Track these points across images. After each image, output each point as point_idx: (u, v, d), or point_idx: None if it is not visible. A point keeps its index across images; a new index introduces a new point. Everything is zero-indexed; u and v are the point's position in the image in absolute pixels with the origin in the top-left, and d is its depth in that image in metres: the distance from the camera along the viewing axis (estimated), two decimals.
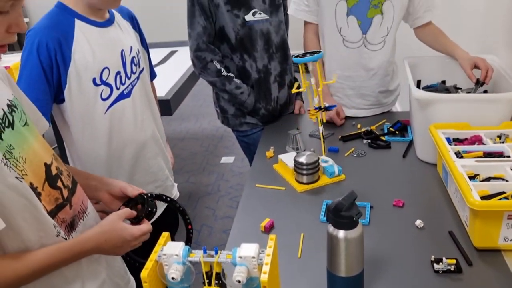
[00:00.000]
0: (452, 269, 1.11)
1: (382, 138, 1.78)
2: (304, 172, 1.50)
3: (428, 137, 1.50)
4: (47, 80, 1.28)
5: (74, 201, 1.03)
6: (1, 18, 0.81)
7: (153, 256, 0.71)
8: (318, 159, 1.52)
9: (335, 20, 1.84)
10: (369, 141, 1.77)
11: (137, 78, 1.49)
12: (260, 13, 1.87)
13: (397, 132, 1.81)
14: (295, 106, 2.14)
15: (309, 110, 1.57)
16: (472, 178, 1.26)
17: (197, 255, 0.71)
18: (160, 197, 1.18)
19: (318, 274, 1.11)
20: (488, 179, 1.27)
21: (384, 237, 1.26)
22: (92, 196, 1.16)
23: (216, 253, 0.71)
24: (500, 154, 1.36)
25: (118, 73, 1.40)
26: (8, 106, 0.93)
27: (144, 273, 0.68)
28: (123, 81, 1.42)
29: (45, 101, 1.30)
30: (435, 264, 1.13)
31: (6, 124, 0.90)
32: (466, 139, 1.47)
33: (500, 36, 1.83)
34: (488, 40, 1.96)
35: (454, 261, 1.13)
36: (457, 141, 1.47)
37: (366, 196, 1.43)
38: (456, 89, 1.76)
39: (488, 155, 1.36)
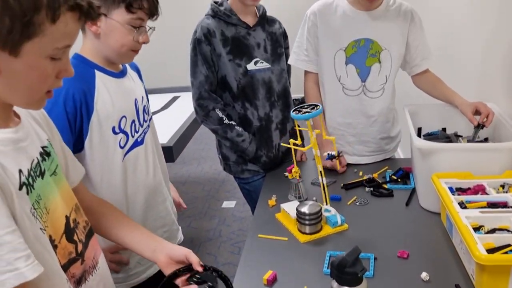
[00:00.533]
0: None
1: (385, 186, 1.78)
2: (307, 222, 1.49)
3: (431, 186, 1.49)
4: (71, 131, 1.30)
5: (87, 255, 1.02)
6: (53, 65, 0.83)
7: None
8: (321, 208, 1.51)
9: (334, 69, 1.88)
10: (372, 189, 1.76)
11: (148, 125, 1.53)
12: (262, 62, 1.91)
13: (399, 180, 1.81)
14: (297, 153, 2.15)
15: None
16: (476, 229, 1.25)
17: None
18: (213, 269, 1.15)
19: None
20: (493, 230, 1.25)
21: None
22: (148, 255, 1.15)
23: None
24: (504, 205, 1.35)
25: (133, 121, 1.43)
26: (41, 154, 0.93)
27: None
28: (137, 129, 1.45)
29: None
30: None
31: (38, 173, 0.90)
32: (469, 188, 1.46)
33: (498, 84, 1.86)
34: (486, 88, 1.99)
35: None
36: (460, 190, 1.46)
37: (370, 247, 1.41)
38: (457, 136, 1.76)
39: (492, 205, 1.35)
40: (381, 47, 1.85)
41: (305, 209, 1.48)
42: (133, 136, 1.44)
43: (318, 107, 1.48)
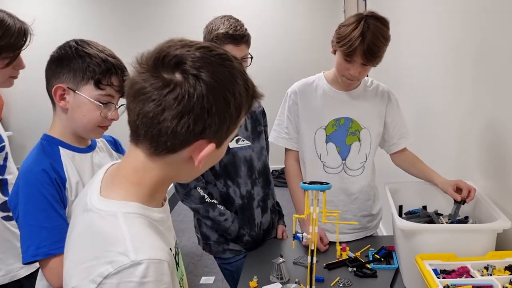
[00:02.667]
0: None
1: (368, 266, 1.74)
2: None
3: (415, 266, 1.46)
4: (59, 206, 1.27)
5: None
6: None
7: None
8: None
9: (315, 147, 1.90)
10: (355, 269, 1.72)
11: None
12: (243, 140, 1.92)
13: (382, 259, 1.78)
14: (278, 231, 2.11)
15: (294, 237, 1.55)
16: None
17: None
18: None
19: None
20: None
21: None
22: None
23: None
24: None
25: None
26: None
27: None
28: None
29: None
30: None
31: (177, 251, 0.95)
32: (453, 270, 1.44)
33: (475, 163, 1.89)
34: (463, 167, 2.02)
35: None
36: (445, 273, 1.44)
37: None
38: (437, 215, 1.76)
39: None
40: (360, 125, 1.89)
41: None
42: None
43: (328, 184, 1.53)
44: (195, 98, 0.78)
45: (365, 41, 1.64)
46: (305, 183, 1.54)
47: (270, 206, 2.03)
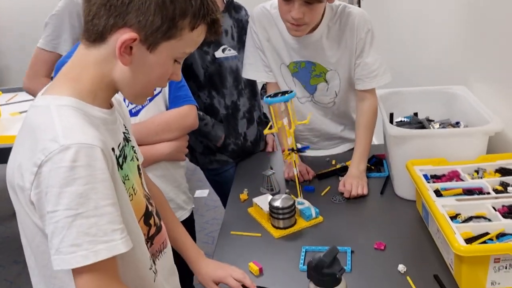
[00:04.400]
0: None
1: None
2: (280, 216, 1.43)
3: (406, 173, 1.46)
4: None
5: (156, 240, 1.06)
6: (173, 67, 0.92)
7: None
8: (294, 202, 1.46)
9: (284, 80, 1.77)
10: None
11: (149, 100, 1.46)
12: (230, 50, 1.83)
13: (373, 168, 1.78)
14: (268, 142, 2.08)
15: (283, 151, 1.52)
16: (453, 218, 1.22)
17: None
18: None
19: None
20: (469, 218, 1.23)
21: (368, 285, 1.20)
22: (192, 264, 1.25)
23: None
24: (479, 191, 1.32)
25: None
26: (124, 139, 0.99)
27: None
28: None
29: None
30: None
31: (123, 156, 0.94)
32: (444, 175, 1.43)
33: (470, 68, 1.84)
34: (458, 71, 1.96)
35: None
36: (435, 177, 1.43)
37: (346, 240, 1.37)
38: (429, 121, 1.73)
39: (468, 192, 1.33)
40: (325, 68, 1.70)
41: (278, 203, 1.43)
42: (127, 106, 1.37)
43: (291, 91, 1.43)
44: None
45: None
46: (268, 96, 1.46)
47: (256, 118, 1.99)
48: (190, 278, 1.84)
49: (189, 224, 1.70)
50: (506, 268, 1.08)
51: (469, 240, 1.12)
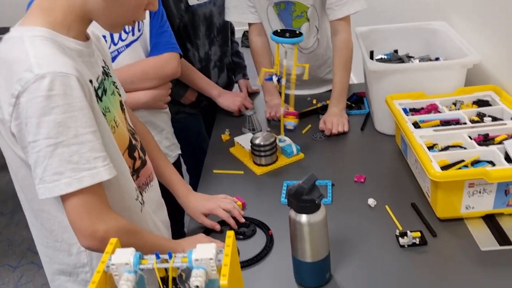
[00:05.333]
0: (417, 242, 1.10)
1: None
2: (262, 154, 1.45)
3: (385, 108, 1.47)
4: None
5: (142, 173, 1.07)
6: None
7: (100, 268, 0.64)
8: (275, 139, 1.47)
9: (269, 23, 1.74)
10: None
11: (126, 46, 1.41)
12: None
13: (353, 105, 1.79)
14: (241, 86, 2.02)
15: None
16: (430, 148, 1.24)
17: (150, 261, 0.65)
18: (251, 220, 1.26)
19: (284, 259, 1.07)
20: (446, 148, 1.25)
21: (348, 215, 1.24)
22: (181, 199, 1.25)
23: (170, 257, 0.65)
24: (456, 122, 1.35)
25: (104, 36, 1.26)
26: (103, 73, 0.98)
27: None
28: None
29: None
30: (400, 239, 1.11)
31: (102, 90, 0.94)
32: (422, 108, 1.45)
33: (451, 3, 1.82)
34: (438, 6, 1.95)
35: (418, 234, 1.11)
36: (414, 111, 1.45)
37: (327, 174, 1.39)
38: (408, 57, 1.73)
39: (445, 123, 1.35)
40: (305, 5, 1.67)
41: (259, 141, 1.44)
42: None
43: (301, 34, 1.41)
44: None
45: None
46: (276, 32, 1.44)
47: (227, 64, 1.93)
48: (181, 214, 1.88)
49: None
50: (480, 192, 1.12)
51: (445, 168, 1.15)
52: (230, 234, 0.67)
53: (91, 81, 0.89)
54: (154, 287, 0.68)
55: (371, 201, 1.26)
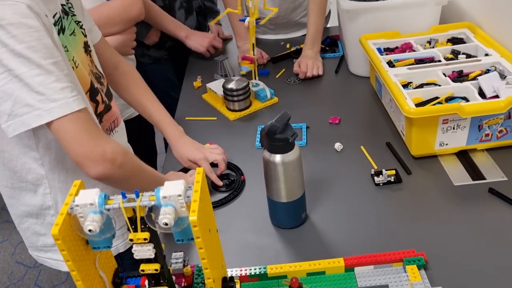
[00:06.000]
0: (392, 180, 1.10)
1: None
2: (235, 98, 1.41)
3: (360, 50, 1.44)
4: None
5: (106, 118, 1.02)
6: None
7: (64, 209, 0.61)
8: (248, 83, 1.43)
9: None
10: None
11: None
12: None
13: (327, 48, 1.75)
14: (212, 32, 1.94)
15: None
16: (405, 86, 1.23)
17: (116, 201, 0.62)
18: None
19: (259, 203, 1.06)
20: (421, 85, 1.24)
21: (323, 157, 1.22)
22: (171, 142, 1.20)
23: (137, 196, 0.62)
24: (431, 60, 1.33)
25: None
26: (62, 11, 0.92)
27: (54, 230, 0.59)
28: None
29: None
30: (375, 177, 1.10)
31: (60, 27, 0.89)
32: (397, 47, 1.42)
33: None
34: None
35: (393, 172, 1.11)
36: (388, 50, 1.42)
37: (302, 117, 1.37)
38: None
39: (420, 61, 1.33)
40: None
41: (231, 85, 1.40)
42: None
43: None
44: None
45: None
46: None
47: (196, 7, 1.85)
48: (153, 157, 1.86)
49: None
50: (453, 128, 1.11)
51: (420, 105, 1.14)
52: (199, 170, 0.64)
53: (46, 16, 0.83)
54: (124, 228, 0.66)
55: (337, 145, 1.24)
